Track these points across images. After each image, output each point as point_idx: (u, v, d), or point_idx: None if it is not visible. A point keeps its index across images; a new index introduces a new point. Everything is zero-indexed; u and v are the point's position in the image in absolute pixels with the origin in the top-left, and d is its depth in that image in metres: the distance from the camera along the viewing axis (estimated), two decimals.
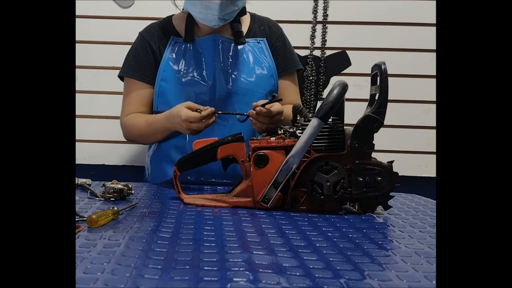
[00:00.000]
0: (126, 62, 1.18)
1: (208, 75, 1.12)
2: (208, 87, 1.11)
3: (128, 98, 1.18)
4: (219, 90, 1.11)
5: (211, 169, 0.98)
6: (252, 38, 1.18)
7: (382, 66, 0.79)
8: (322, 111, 0.78)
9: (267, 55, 1.17)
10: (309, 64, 1.55)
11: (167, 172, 1.14)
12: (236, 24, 1.16)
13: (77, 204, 0.82)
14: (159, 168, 1.17)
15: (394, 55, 1.53)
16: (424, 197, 1.05)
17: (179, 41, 1.14)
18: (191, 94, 1.11)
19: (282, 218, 0.78)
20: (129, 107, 1.17)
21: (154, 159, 1.19)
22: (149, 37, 1.16)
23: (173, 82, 1.12)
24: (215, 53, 1.13)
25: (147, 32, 1.17)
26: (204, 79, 1.11)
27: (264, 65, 1.16)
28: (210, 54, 1.13)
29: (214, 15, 1.07)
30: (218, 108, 1.06)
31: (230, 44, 1.14)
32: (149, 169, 1.22)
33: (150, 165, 1.21)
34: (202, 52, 1.13)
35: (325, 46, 1.54)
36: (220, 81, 1.11)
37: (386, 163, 0.81)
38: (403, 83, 1.53)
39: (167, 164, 1.14)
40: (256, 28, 1.20)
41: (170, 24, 1.18)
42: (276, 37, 1.20)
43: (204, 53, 1.13)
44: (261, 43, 1.18)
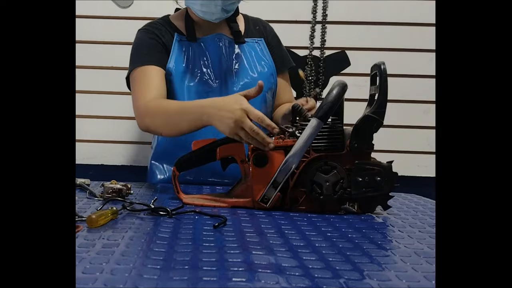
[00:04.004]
0: (136, 55, 1.11)
1: (215, 74, 1.12)
2: (216, 87, 1.11)
3: (146, 83, 1.06)
4: (226, 89, 1.11)
5: (211, 169, 0.98)
6: (250, 38, 1.18)
7: (381, 66, 0.79)
8: (322, 111, 0.78)
9: (266, 54, 1.18)
10: (308, 64, 1.55)
11: (166, 171, 1.14)
12: (234, 24, 1.16)
13: (76, 204, 0.81)
14: (158, 167, 1.17)
15: (393, 55, 1.53)
16: (424, 197, 1.05)
17: (183, 39, 1.14)
18: (200, 93, 1.10)
19: (281, 218, 0.78)
20: (150, 92, 1.04)
21: (155, 158, 1.19)
22: (155, 29, 1.13)
23: (180, 80, 1.11)
24: (220, 52, 1.13)
25: (151, 26, 1.15)
26: (211, 78, 1.11)
27: (264, 64, 1.17)
28: (215, 53, 1.12)
29: (217, 6, 1.06)
30: None
31: (232, 43, 1.15)
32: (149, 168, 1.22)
33: (150, 164, 1.21)
34: (207, 51, 1.13)
35: (325, 46, 1.54)
36: (226, 80, 1.11)
37: (386, 163, 0.81)
38: (403, 83, 1.53)
39: (167, 163, 1.14)
40: (251, 28, 1.20)
41: (170, 22, 1.17)
42: (271, 37, 1.22)
43: (209, 52, 1.13)
44: (259, 43, 1.19)
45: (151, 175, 1.20)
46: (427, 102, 1.54)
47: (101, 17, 1.53)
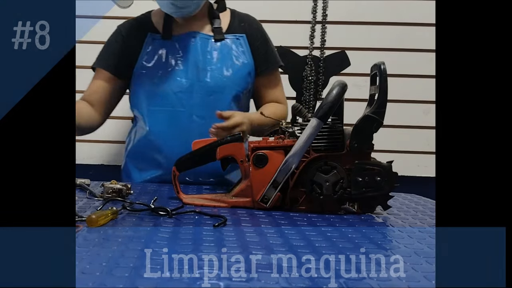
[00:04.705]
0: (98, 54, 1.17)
1: (186, 73, 1.10)
2: (186, 86, 1.09)
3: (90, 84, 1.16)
4: (196, 88, 1.09)
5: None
6: (231, 34, 1.16)
7: (381, 66, 0.79)
8: (322, 111, 0.78)
9: (245, 52, 1.15)
10: (308, 64, 1.55)
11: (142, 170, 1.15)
12: (215, 20, 1.14)
13: (76, 204, 0.81)
14: (135, 167, 1.17)
15: (393, 55, 1.53)
16: (424, 197, 1.05)
17: (156, 37, 1.13)
18: (168, 92, 1.09)
19: (281, 218, 0.78)
20: (85, 93, 1.15)
21: (130, 158, 1.19)
22: (125, 31, 1.15)
23: (149, 81, 1.10)
24: (193, 51, 1.11)
25: (124, 26, 1.16)
26: (181, 77, 1.10)
27: (241, 62, 1.14)
28: (187, 51, 1.11)
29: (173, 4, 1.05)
30: (195, 105, 1.07)
31: (208, 41, 1.13)
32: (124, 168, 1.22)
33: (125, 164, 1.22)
34: (179, 50, 1.11)
35: (324, 46, 1.54)
36: (197, 79, 1.10)
37: (386, 163, 0.81)
38: (403, 83, 1.52)
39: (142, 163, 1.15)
40: (236, 24, 1.18)
41: (148, 20, 1.17)
42: (256, 34, 1.18)
43: (182, 51, 1.11)
44: (240, 40, 1.15)
45: (125, 174, 1.21)
46: (427, 102, 1.54)
47: (101, 17, 1.53)
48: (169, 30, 1.13)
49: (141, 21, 1.17)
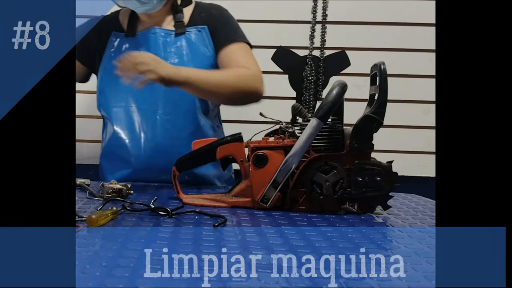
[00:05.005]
0: None
1: None
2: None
3: None
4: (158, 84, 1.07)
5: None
6: (193, 27, 1.14)
7: (381, 66, 0.79)
8: (322, 111, 0.78)
9: (207, 44, 1.13)
10: (308, 64, 1.54)
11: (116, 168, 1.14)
12: (178, 14, 1.13)
13: (76, 204, 0.81)
14: (108, 167, 1.17)
15: (393, 55, 1.53)
16: (424, 197, 1.04)
17: (120, 36, 1.13)
18: (131, 90, 1.07)
19: (281, 218, 0.78)
20: None
21: (103, 158, 1.19)
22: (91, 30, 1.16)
23: (113, 80, 1.09)
24: (154, 46, 1.11)
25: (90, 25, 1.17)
26: None
27: (203, 55, 1.12)
28: (148, 47, 1.10)
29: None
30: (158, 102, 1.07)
31: (169, 36, 1.12)
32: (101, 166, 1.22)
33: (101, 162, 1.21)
34: (142, 47, 1.11)
35: (324, 46, 1.54)
36: None
37: (386, 163, 0.81)
38: (403, 83, 1.52)
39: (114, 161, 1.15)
40: (196, 16, 1.16)
41: (115, 19, 1.17)
42: (216, 20, 1.15)
43: (143, 47, 1.11)
44: (202, 32, 1.14)
45: (101, 175, 1.20)
46: (427, 102, 1.54)
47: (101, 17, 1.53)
48: (133, 27, 1.13)
49: (107, 20, 1.18)
